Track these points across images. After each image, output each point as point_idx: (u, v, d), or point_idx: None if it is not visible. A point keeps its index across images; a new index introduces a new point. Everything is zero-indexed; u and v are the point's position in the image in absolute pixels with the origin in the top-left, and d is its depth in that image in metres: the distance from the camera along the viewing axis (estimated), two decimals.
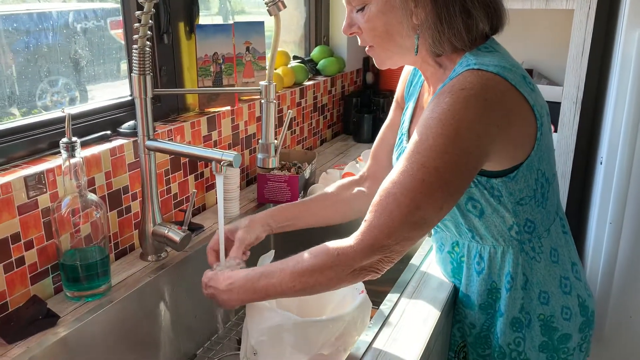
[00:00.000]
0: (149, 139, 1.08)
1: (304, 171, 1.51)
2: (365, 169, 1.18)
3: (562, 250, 0.98)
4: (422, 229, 0.80)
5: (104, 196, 1.10)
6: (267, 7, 0.96)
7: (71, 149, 0.94)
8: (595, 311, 1.02)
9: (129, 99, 1.28)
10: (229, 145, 1.49)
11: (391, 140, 1.11)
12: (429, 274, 1.10)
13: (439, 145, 0.78)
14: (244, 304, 0.94)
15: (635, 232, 1.49)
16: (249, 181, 1.62)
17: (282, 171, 1.51)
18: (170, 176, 1.28)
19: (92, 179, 1.07)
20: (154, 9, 1.00)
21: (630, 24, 1.40)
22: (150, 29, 1.06)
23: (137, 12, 1.00)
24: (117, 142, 1.14)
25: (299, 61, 2.03)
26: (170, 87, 1.36)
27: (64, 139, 0.94)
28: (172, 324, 1.13)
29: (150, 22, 1.01)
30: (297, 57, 2.08)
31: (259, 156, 1.06)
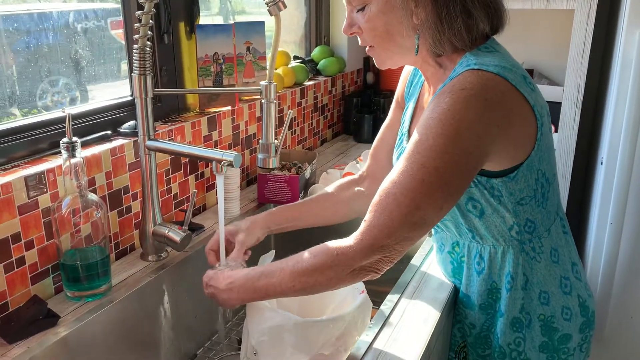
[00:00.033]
0: (149, 139, 1.08)
1: (305, 171, 1.51)
2: (364, 168, 1.19)
3: (562, 250, 0.98)
4: (421, 229, 0.80)
5: (105, 196, 1.10)
6: (267, 7, 0.96)
7: (72, 149, 0.94)
8: (595, 311, 1.02)
9: (130, 99, 1.28)
10: (230, 145, 1.49)
11: (390, 140, 1.11)
12: (429, 274, 1.10)
13: (439, 145, 0.78)
14: (244, 303, 0.94)
15: (635, 232, 1.49)
16: (250, 181, 1.62)
17: (282, 171, 1.51)
18: (170, 176, 1.28)
19: (92, 179, 1.07)
20: (154, 9, 1.00)
21: (630, 24, 1.40)
22: (150, 29, 1.06)
23: (138, 12, 1.00)
24: (118, 142, 1.14)
25: (299, 61, 2.03)
26: (170, 87, 1.36)
27: (65, 139, 0.94)
28: (172, 324, 1.13)
29: (150, 22, 1.01)
30: (297, 57, 2.08)
31: (260, 156, 1.06)
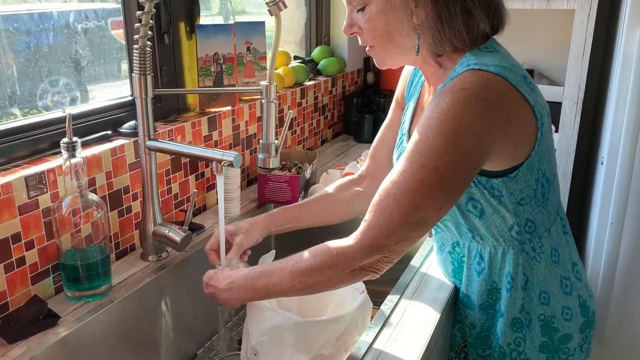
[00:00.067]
0: (149, 139, 1.08)
1: (305, 171, 1.51)
2: (364, 168, 1.19)
3: (562, 250, 0.98)
4: (421, 229, 0.80)
5: (105, 196, 1.10)
6: (267, 7, 0.96)
7: (72, 149, 0.94)
8: (596, 311, 1.02)
9: (130, 99, 1.28)
10: (230, 145, 1.49)
11: (390, 140, 1.11)
12: (430, 274, 1.10)
13: (439, 145, 0.78)
14: (244, 303, 0.94)
15: (636, 232, 1.49)
16: (250, 181, 1.62)
17: (282, 171, 1.51)
18: (170, 176, 1.28)
19: (92, 179, 1.07)
20: (154, 9, 1.00)
21: (631, 24, 1.40)
22: (150, 29, 1.06)
23: (138, 12, 1.00)
24: (118, 142, 1.14)
25: (299, 61, 2.03)
26: (170, 87, 1.36)
27: (65, 139, 0.94)
28: (172, 324, 1.13)
29: (150, 22, 1.01)
30: (297, 57, 2.08)
31: (260, 156, 1.06)
